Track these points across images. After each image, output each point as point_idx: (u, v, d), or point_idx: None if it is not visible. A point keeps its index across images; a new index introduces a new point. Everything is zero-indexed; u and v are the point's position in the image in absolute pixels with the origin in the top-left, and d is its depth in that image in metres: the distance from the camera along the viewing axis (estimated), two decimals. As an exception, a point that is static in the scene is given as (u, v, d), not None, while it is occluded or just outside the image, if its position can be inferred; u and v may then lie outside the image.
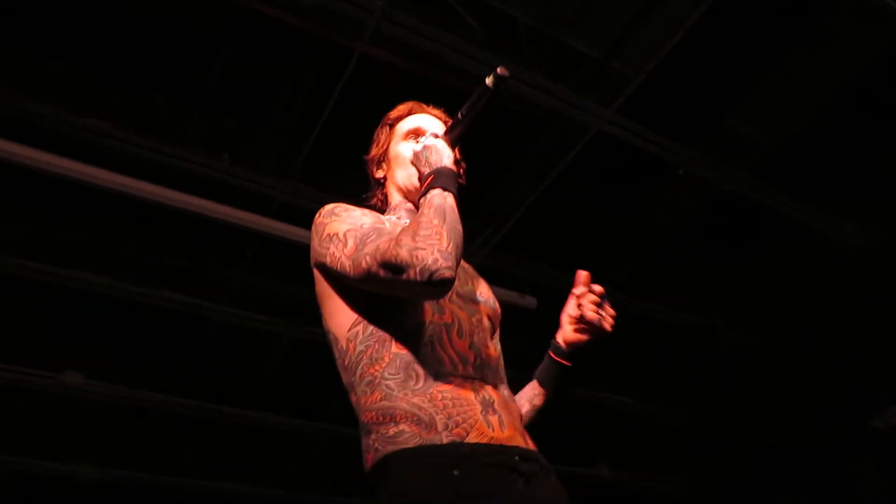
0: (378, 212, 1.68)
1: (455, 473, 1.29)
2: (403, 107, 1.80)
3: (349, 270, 1.44)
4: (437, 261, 1.32)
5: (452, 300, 1.55)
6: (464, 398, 1.40)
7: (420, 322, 1.47)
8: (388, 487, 1.32)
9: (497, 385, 1.51)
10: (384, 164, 1.77)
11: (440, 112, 1.81)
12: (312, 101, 3.86)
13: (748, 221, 4.98)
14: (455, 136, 1.60)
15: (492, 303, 1.68)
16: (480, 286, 1.70)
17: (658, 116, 4.12)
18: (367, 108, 1.87)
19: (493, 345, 1.62)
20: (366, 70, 3.69)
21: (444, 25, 3.61)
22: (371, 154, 1.80)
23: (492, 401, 1.44)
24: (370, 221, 1.53)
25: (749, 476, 7.47)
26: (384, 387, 1.41)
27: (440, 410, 1.37)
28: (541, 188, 4.40)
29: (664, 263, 5.21)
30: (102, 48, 3.74)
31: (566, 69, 3.92)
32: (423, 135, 1.71)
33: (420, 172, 1.56)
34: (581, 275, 1.64)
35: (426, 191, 1.47)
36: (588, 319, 1.59)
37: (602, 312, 1.60)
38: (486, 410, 1.41)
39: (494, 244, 4.69)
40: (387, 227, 1.53)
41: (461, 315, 1.54)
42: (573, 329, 1.64)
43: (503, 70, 1.51)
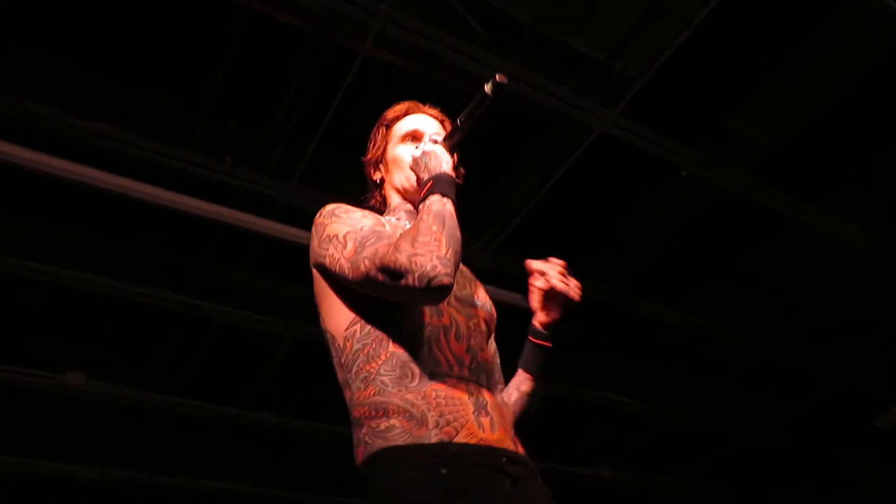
0: (377, 213, 1.68)
1: (443, 472, 1.30)
2: (400, 107, 1.79)
3: (348, 273, 1.45)
4: (436, 267, 1.33)
5: (451, 303, 1.55)
6: (457, 398, 1.41)
7: (418, 323, 1.48)
8: (378, 485, 1.33)
9: (491, 388, 1.52)
10: (382, 166, 1.77)
11: (437, 111, 1.81)
12: (315, 103, 3.85)
13: (749, 221, 4.98)
14: (454, 143, 1.60)
15: (489, 307, 1.69)
16: (478, 290, 1.70)
17: (659, 117, 4.12)
18: (370, 110, 1.86)
19: (490, 349, 1.63)
20: (368, 71, 3.69)
21: (447, 27, 3.61)
22: (368, 156, 1.79)
23: (485, 403, 1.45)
24: (370, 224, 1.53)
25: (749, 476, 7.47)
26: (379, 382, 1.41)
27: (433, 408, 1.38)
28: (543, 189, 4.40)
29: (665, 264, 5.21)
30: (104, 49, 3.73)
31: (568, 70, 3.93)
32: (422, 137, 1.71)
33: (419, 178, 1.57)
34: (530, 263, 1.67)
35: (425, 196, 1.47)
36: (559, 290, 1.62)
37: (568, 282, 1.64)
38: (479, 412, 1.42)
39: (496, 246, 4.69)
40: (387, 231, 1.53)
41: (459, 318, 1.54)
42: (545, 307, 1.67)
43: (502, 77, 1.52)
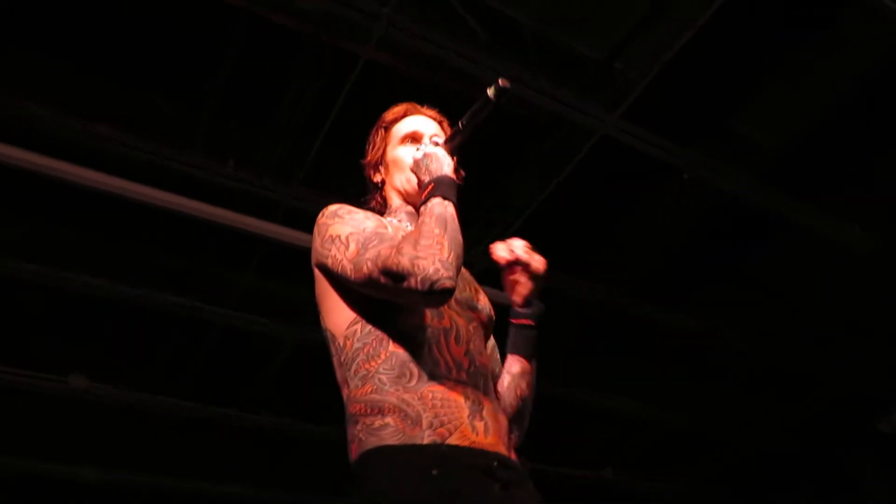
0: (378, 214, 1.69)
1: (434, 473, 1.30)
2: (398, 108, 1.80)
3: (350, 274, 1.45)
4: (439, 270, 1.34)
5: (451, 306, 1.56)
6: (454, 401, 1.41)
7: (419, 324, 1.48)
8: (369, 484, 1.34)
9: (488, 393, 1.52)
10: (382, 168, 1.77)
11: (435, 112, 1.81)
12: (317, 106, 3.85)
13: (751, 224, 4.97)
14: (455, 145, 1.61)
15: (488, 310, 1.70)
16: (479, 293, 1.71)
17: (661, 120, 4.12)
18: (372, 113, 1.86)
19: (488, 353, 1.63)
20: (370, 75, 3.69)
21: (449, 30, 3.61)
22: (368, 158, 1.80)
23: (481, 407, 1.45)
24: (373, 226, 1.54)
25: (751, 478, 7.47)
26: (377, 380, 1.42)
27: (428, 409, 1.38)
28: (544, 192, 4.40)
29: (667, 266, 5.21)
30: (106, 51, 3.73)
31: (569, 72, 3.92)
32: (421, 138, 1.71)
33: (420, 180, 1.57)
34: (494, 247, 1.70)
35: (426, 199, 1.48)
36: (522, 260, 1.66)
37: (531, 255, 1.68)
38: (474, 416, 1.42)
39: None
40: (389, 233, 1.54)
41: (459, 322, 1.55)
42: (515, 285, 1.70)
43: (505, 82, 1.53)
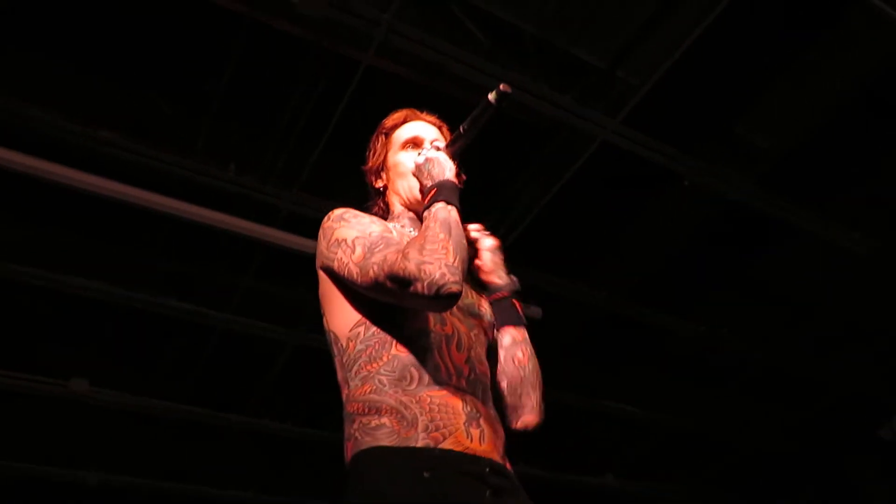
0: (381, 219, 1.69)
1: (426, 476, 1.31)
2: (398, 114, 1.79)
3: (356, 277, 1.45)
4: (445, 275, 1.34)
5: (454, 313, 1.55)
6: (451, 407, 1.41)
7: (422, 329, 1.49)
8: (361, 485, 1.34)
9: (486, 402, 1.52)
10: (383, 174, 1.77)
11: (435, 118, 1.81)
12: (318, 112, 3.86)
13: (753, 230, 4.97)
14: (456, 150, 1.61)
15: (489, 317, 1.69)
16: (481, 300, 1.71)
17: (662, 126, 4.11)
18: (373, 119, 1.86)
19: (488, 361, 1.63)
20: (371, 81, 3.70)
21: (450, 37, 3.61)
22: (369, 164, 1.79)
23: (478, 415, 1.45)
24: (379, 230, 1.54)
25: (755, 483, 7.45)
26: (377, 381, 1.42)
27: (425, 412, 1.38)
28: (546, 198, 4.40)
29: (670, 272, 5.21)
30: (108, 54, 3.75)
31: (570, 79, 3.93)
32: (422, 144, 1.71)
33: (422, 185, 1.57)
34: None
35: (429, 203, 1.48)
36: (478, 244, 1.74)
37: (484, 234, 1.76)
38: (470, 423, 1.42)
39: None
40: (394, 237, 1.54)
41: (461, 328, 1.55)
42: (481, 267, 1.73)
43: (506, 87, 1.53)
